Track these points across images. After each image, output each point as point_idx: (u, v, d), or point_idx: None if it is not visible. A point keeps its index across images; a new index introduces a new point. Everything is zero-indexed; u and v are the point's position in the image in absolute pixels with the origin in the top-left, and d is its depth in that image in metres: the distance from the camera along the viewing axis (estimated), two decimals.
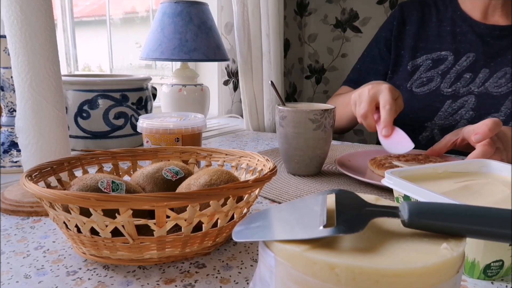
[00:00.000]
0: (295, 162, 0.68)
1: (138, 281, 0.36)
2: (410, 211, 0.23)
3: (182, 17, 1.01)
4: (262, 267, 0.24)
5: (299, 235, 0.23)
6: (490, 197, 0.40)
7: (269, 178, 0.39)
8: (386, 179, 0.44)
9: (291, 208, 0.27)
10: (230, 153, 0.53)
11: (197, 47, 1.01)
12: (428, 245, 0.23)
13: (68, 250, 0.41)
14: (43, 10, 0.49)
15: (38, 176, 0.42)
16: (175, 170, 0.47)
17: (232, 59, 1.40)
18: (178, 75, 1.11)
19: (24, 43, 0.49)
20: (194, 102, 1.10)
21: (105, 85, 0.83)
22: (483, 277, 0.36)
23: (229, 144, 0.95)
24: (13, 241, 0.43)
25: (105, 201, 0.32)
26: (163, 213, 0.35)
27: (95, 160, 0.50)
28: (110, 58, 1.57)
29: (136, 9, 1.88)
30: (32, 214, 0.50)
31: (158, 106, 1.21)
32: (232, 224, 0.41)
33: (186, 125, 0.64)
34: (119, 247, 0.36)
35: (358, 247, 0.22)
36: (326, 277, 0.21)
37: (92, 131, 0.83)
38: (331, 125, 0.67)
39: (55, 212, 0.36)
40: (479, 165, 0.49)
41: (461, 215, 0.24)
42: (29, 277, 0.36)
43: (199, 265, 0.39)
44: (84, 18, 2.04)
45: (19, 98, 0.50)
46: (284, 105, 0.68)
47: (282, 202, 0.52)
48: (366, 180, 0.60)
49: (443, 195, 0.38)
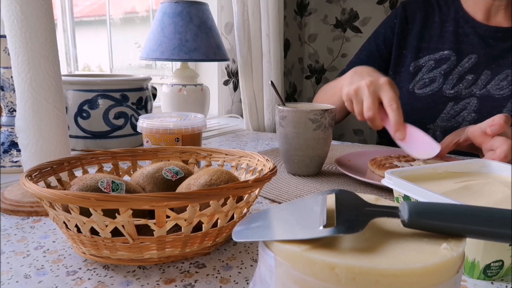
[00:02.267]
0: (295, 162, 0.68)
1: (138, 281, 0.36)
2: (410, 211, 0.23)
3: (182, 17, 1.01)
4: (262, 267, 0.24)
5: (299, 235, 0.23)
6: (490, 197, 0.40)
7: (269, 178, 0.39)
8: (386, 179, 0.44)
9: (291, 208, 0.27)
10: (230, 153, 0.53)
11: (197, 47, 1.01)
12: (428, 245, 0.23)
13: (68, 250, 0.41)
14: (43, 10, 0.49)
15: (38, 176, 0.42)
16: (175, 170, 0.47)
17: (232, 59, 1.40)
18: (178, 75, 1.11)
19: (24, 43, 0.49)
20: (194, 102, 1.10)
21: (105, 85, 0.83)
22: (483, 277, 0.36)
23: (229, 144, 0.95)
24: (13, 241, 0.43)
25: (105, 201, 0.32)
26: (163, 213, 0.35)
27: (95, 160, 0.50)
28: (110, 58, 1.57)
29: (136, 9, 1.88)
30: (32, 214, 0.50)
31: (158, 106, 1.21)
32: (232, 224, 0.41)
33: (186, 125, 0.64)
34: (119, 247, 0.36)
35: (358, 247, 0.22)
36: (326, 277, 0.21)
37: (92, 131, 0.83)
38: (331, 125, 0.67)
39: (55, 212, 0.36)
40: (479, 165, 0.49)
41: (461, 215, 0.24)
42: (29, 277, 0.36)
43: (199, 265, 0.39)
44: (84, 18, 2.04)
45: (19, 98, 0.50)
46: (284, 105, 0.68)
47: (282, 202, 0.52)
48: (366, 180, 0.60)
49: (443, 195, 0.38)
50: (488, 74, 0.87)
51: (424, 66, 0.94)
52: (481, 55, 0.88)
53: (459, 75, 0.90)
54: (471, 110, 0.87)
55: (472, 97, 0.87)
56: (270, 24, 1.09)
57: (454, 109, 0.88)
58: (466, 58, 0.90)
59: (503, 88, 0.85)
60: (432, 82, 0.92)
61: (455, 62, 0.91)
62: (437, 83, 0.91)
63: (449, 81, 0.90)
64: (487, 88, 0.86)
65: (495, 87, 0.86)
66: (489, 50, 0.88)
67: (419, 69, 0.95)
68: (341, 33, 1.79)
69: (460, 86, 0.89)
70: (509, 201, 0.39)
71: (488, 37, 0.89)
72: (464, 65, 0.89)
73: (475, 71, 0.88)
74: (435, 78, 0.92)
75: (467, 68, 0.89)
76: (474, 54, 0.89)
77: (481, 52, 0.89)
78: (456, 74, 0.90)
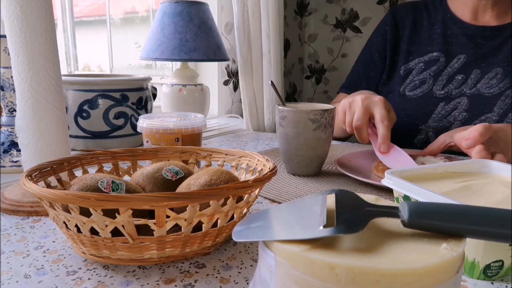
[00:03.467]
0: (295, 162, 0.68)
1: (138, 281, 0.36)
2: (410, 211, 0.23)
3: (182, 17, 1.01)
4: (262, 267, 0.24)
5: (299, 235, 0.23)
6: (490, 197, 0.40)
7: (269, 178, 0.39)
8: (386, 179, 0.44)
9: (291, 208, 0.27)
10: (230, 153, 0.53)
11: (197, 47, 1.01)
12: (428, 245, 0.23)
13: (68, 250, 0.41)
14: (43, 10, 0.49)
15: (38, 176, 0.42)
16: (175, 170, 0.47)
17: (232, 59, 1.40)
18: (178, 75, 1.11)
19: (24, 43, 0.49)
20: (194, 102, 1.10)
21: (105, 85, 0.83)
22: (483, 277, 0.36)
23: (229, 144, 0.95)
24: (13, 241, 0.43)
25: (105, 201, 0.32)
26: (163, 213, 0.35)
27: (95, 160, 0.50)
28: (110, 58, 1.57)
29: (136, 9, 1.88)
30: (32, 214, 0.50)
31: (158, 106, 1.21)
32: (232, 224, 0.41)
33: (186, 125, 0.64)
34: (119, 247, 0.36)
35: (358, 247, 0.22)
36: (326, 277, 0.21)
37: (92, 131, 0.83)
38: (331, 125, 0.67)
39: (55, 212, 0.36)
40: (479, 165, 0.49)
41: (461, 215, 0.24)
42: (29, 277, 0.36)
43: (199, 265, 0.39)
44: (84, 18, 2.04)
45: (19, 98, 0.50)
46: (284, 105, 0.68)
47: (282, 202, 0.52)
48: (366, 180, 0.60)
49: (443, 195, 0.38)
50: (477, 73, 0.87)
51: (414, 68, 0.95)
52: (470, 55, 0.89)
53: (448, 75, 0.90)
54: (462, 110, 0.87)
55: (462, 97, 0.88)
56: (270, 24, 1.09)
57: (445, 109, 0.89)
58: (455, 58, 0.90)
59: (493, 86, 0.85)
60: (423, 84, 0.92)
61: (444, 63, 0.91)
62: (427, 85, 0.92)
63: (439, 82, 0.91)
64: (477, 87, 0.87)
65: (485, 86, 0.86)
66: (478, 49, 0.89)
67: (409, 72, 0.95)
68: (341, 33, 1.79)
69: (450, 86, 0.89)
70: (509, 201, 0.39)
71: (476, 37, 0.89)
72: (454, 65, 0.90)
73: (464, 71, 0.89)
74: (425, 80, 0.92)
75: (456, 69, 0.90)
76: (463, 54, 0.90)
77: (470, 51, 0.89)
78: (446, 75, 0.90)
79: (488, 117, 0.85)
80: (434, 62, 0.92)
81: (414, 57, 0.96)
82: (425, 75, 0.92)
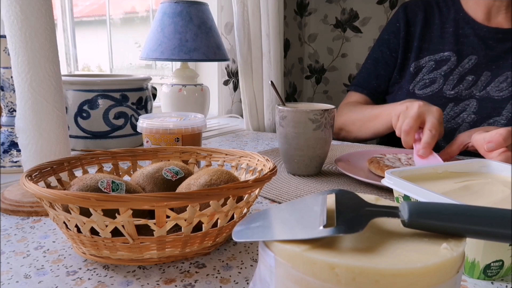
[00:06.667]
0: (295, 162, 0.68)
1: (138, 281, 0.36)
2: (410, 211, 0.23)
3: (182, 17, 1.01)
4: (262, 267, 0.24)
5: (299, 235, 0.23)
6: (490, 197, 0.40)
7: (269, 178, 0.39)
8: (386, 179, 0.44)
9: (291, 208, 0.27)
10: (230, 153, 0.53)
11: (197, 47, 1.01)
12: (428, 245, 0.23)
13: (68, 250, 0.41)
14: (43, 10, 0.49)
15: (38, 176, 0.42)
16: (175, 170, 0.47)
17: (232, 59, 1.40)
18: (178, 75, 1.11)
19: (24, 43, 0.49)
20: (194, 102, 1.10)
21: (105, 85, 0.83)
22: (483, 277, 0.36)
23: (229, 144, 0.95)
24: (13, 241, 0.43)
25: (105, 201, 0.32)
26: (163, 213, 0.35)
27: (95, 160, 0.50)
28: (110, 58, 1.57)
29: (136, 9, 1.88)
30: (32, 214, 0.50)
31: (158, 106, 1.21)
32: (232, 224, 0.41)
33: (186, 125, 0.64)
34: (119, 247, 0.36)
35: (358, 247, 0.22)
36: (326, 277, 0.21)
37: (92, 131, 0.83)
38: (331, 125, 0.67)
39: (55, 212, 0.36)
40: (479, 165, 0.49)
41: (461, 215, 0.24)
42: (29, 277, 0.36)
43: (199, 265, 0.39)
44: (84, 18, 2.04)
45: (19, 98, 0.50)
46: (284, 105, 0.68)
47: (282, 202, 0.52)
48: (366, 180, 0.60)
49: (443, 195, 0.38)
50: (488, 76, 0.87)
51: (424, 66, 0.94)
52: (481, 56, 0.88)
53: (459, 75, 0.89)
54: (471, 112, 0.87)
55: (471, 99, 0.87)
56: (270, 24, 1.09)
57: (454, 110, 0.88)
58: (466, 59, 0.90)
59: (502, 89, 0.85)
60: (433, 83, 0.92)
61: (455, 63, 0.90)
62: (437, 84, 0.91)
63: (450, 81, 0.90)
64: (487, 89, 0.86)
65: (495, 89, 0.85)
66: (489, 51, 0.88)
67: (419, 69, 0.94)
68: (341, 33, 1.79)
69: (461, 87, 0.89)
70: (509, 201, 0.39)
71: (488, 38, 0.89)
72: (465, 66, 0.89)
73: (475, 72, 0.88)
74: (435, 79, 0.91)
75: (467, 69, 0.89)
76: (474, 55, 0.89)
77: (481, 53, 0.88)
78: (457, 74, 0.90)
79: (496, 120, 0.84)
80: (445, 62, 0.91)
81: (425, 55, 0.94)
82: (436, 74, 0.91)
